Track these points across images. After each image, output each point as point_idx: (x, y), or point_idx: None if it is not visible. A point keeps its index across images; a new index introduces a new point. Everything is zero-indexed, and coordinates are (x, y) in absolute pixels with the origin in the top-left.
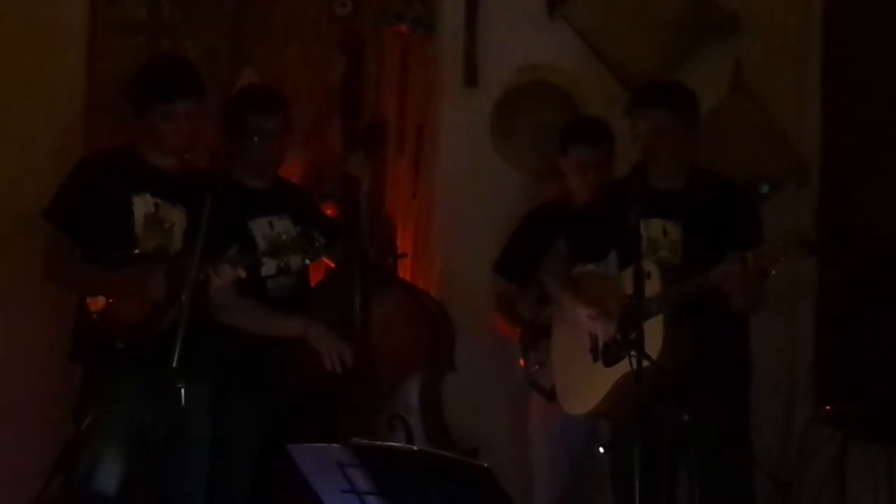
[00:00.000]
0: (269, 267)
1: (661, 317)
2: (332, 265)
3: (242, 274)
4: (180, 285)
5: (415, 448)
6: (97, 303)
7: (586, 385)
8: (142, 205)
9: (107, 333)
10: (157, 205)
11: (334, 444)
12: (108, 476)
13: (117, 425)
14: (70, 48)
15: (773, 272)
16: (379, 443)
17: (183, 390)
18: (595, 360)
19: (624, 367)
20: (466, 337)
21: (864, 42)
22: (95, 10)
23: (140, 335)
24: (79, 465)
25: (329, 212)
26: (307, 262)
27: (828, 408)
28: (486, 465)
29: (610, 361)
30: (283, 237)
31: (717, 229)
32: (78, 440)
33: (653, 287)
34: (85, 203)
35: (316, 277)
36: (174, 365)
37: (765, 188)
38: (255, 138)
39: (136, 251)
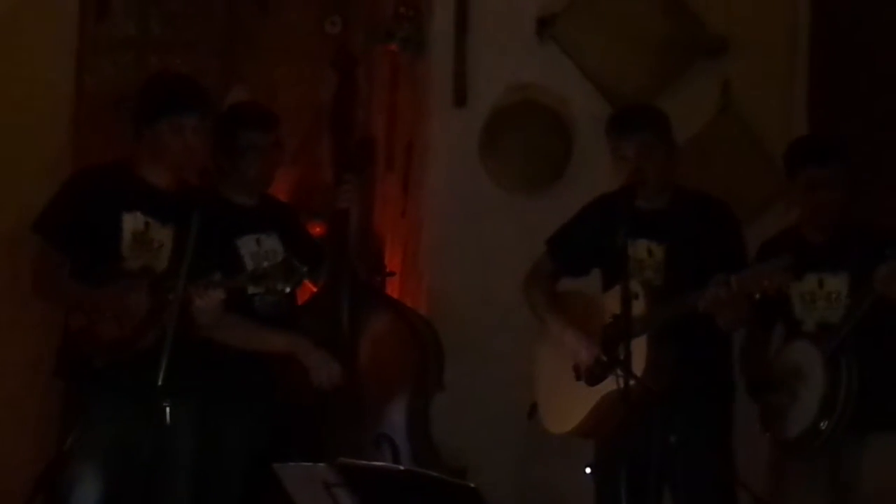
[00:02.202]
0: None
1: (644, 337)
2: (314, 289)
3: (223, 296)
4: (161, 304)
5: (401, 468)
6: (78, 321)
7: (569, 403)
8: (131, 222)
9: (84, 352)
10: (147, 224)
11: (320, 464)
12: (91, 495)
13: (100, 444)
14: (59, 65)
15: (758, 296)
16: (365, 462)
17: (168, 409)
18: (578, 378)
19: (607, 386)
20: (455, 356)
21: (850, 64)
22: (84, 27)
23: (118, 355)
24: (61, 485)
25: (317, 230)
26: (287, 290)
27: None
28: (473, 485)
29: (593, 381)
30: (265, 264)
31: (700, 250)
32: (60, 459)
33: (637, 307)
34: (75, 217)
35: (304, 295)
36: (160, 383)
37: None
38: (249, 155)
39: (121, 268)
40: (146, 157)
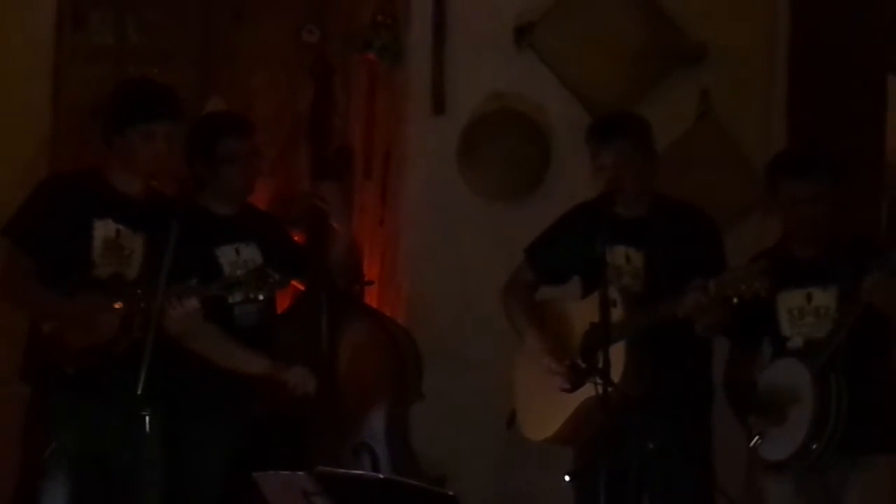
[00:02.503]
0: (235, 295)
1: (622, 343)
2: (302, 288)
3: (196, 304)
4: (133, 313)
5: (381, 476)
6: (51, 326)
7: (547, 411)
8: (103, 229)
9: (55, 359)
10: (118, 231)
11: (300, 472)
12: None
13: (74, 453)
14: (36, 74)
15: (735, 301)
16: (345, 471)
17: (148, 418)
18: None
19: (584, 393)
20: (433, 364)
21: (829, 71)
22: (62, 37)
23: (89, 363)
24: (36, 495)
25: (296, 239)
26: (260, 297)
27: None
28: (452, 493)
29: (571, 388)
30: (238, 272)
31: (679, 256)
32: (40, 466)
33: (615, 314)
34: (45, 222)
35: (283, 305)
36: (139, 392)
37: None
38: (228, 162)
39: (92, 275)
40: (117, 164)
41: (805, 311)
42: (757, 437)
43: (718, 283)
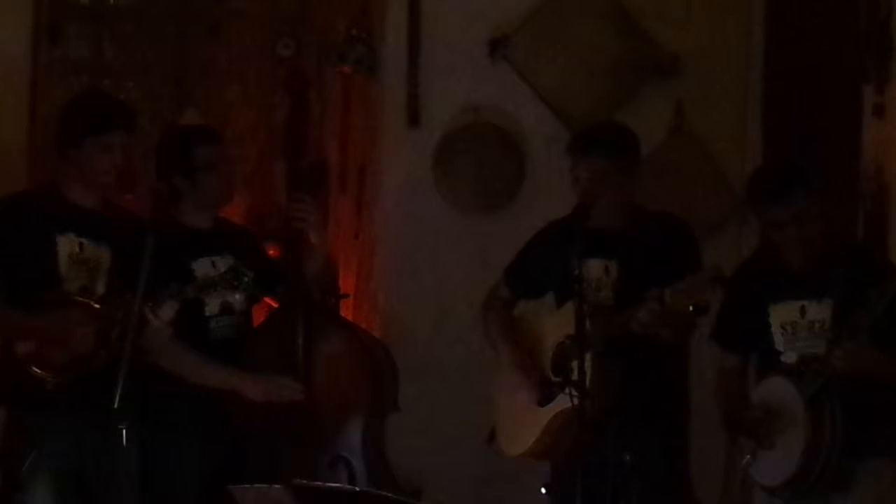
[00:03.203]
0: (212, 307)
1: (587, 356)
2: (276, 305)
3: (176, 307)
4: (110, 329)
5: (357, 489)
6: (26, 346)
7: (522, 426)
8: (66, 245)
9: (35, 376)
10: (81, 244)
11: (276, 485)
12: None
13: (54, 468)
14: (12, 88)
15: (691, 308)
16: (321, 483)
17: (125, 431)
18: (538, 403)
19: (556, 406)
20: (409, 377)
21: (803, 83)
22: (38, 51)
23: (69, 377)
24: None
25: (271, 252)
26: (237, 296)
27: None
28: None
29: (543, 401)
30: (211, 273)
31: (654, 270)
32: (17, 481)
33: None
34: (8, 244)
35: (259, 318)
36: (115, 406)
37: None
38: (208, 169)
39: (62, 290)
40: (74, 177)
41: (798, 325)
42: (748, 457)
43: (673, 293)
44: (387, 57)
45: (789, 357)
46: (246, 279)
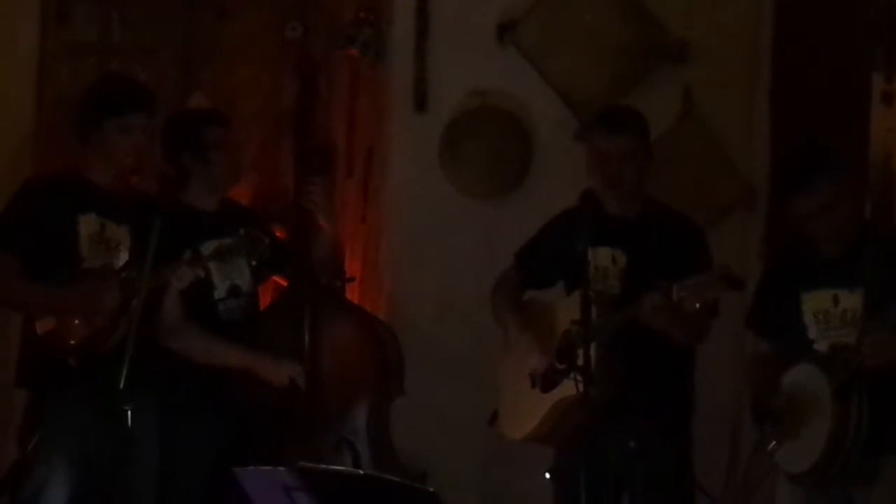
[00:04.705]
0: (220, 290)
1: (591, 346)
2: (284, 284)
3: (202, 274)
4: (129, 297)
5: (361, 472)
6: (46, 325)
7: (526, 410)
8: (87, 225)
9: (58, 353)
10: (102, 224)
11: (281, 468)
12: (54, 500)
13: (63, 448)
14: (20, 71)
15: (698, 307)
16: (325, 466)
17: (130, 413)
18: (533, 385)
19: (560, 392)
20: (415, 361)
21: (812, 70)
22: (46, 33)
23: (92, 351)
24: (24, 489)
25: (278, 234)
26: (253, 262)
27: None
28: (432, 490)
29: (547, 387)
30: (228, 240)
31: (662, 262)
32: (23, 463)
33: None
34: (30, 224)
35: (266, 301)
36: (120, 387)
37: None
38: (220, 148)
39: (84, 267)
40: (95, 160)
41: (831, 314)
42: (773, 443)
43: (681, 288)
44: (394, 41)
45: (822, 346)
46: (262, 246)
